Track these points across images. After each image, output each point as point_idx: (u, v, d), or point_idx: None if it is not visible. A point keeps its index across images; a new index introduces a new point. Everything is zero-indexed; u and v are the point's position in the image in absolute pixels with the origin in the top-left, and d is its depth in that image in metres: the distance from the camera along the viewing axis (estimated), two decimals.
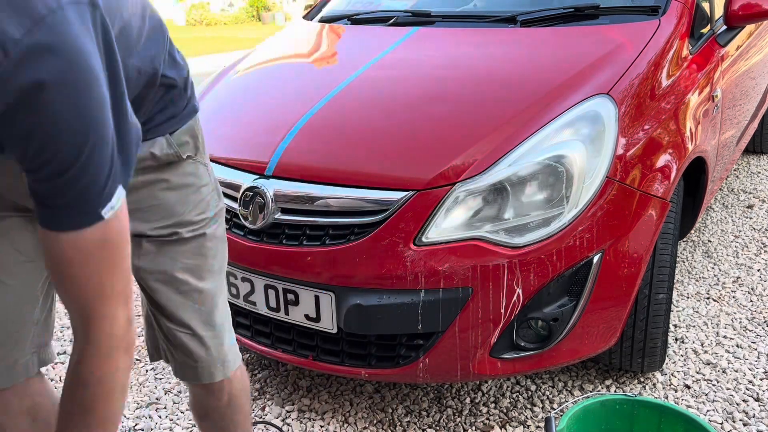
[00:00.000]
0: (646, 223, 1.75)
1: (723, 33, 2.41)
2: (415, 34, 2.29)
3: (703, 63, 2.20)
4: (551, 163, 1.63)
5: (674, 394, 2.01)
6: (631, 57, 1.90)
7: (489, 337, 1.65)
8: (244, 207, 1.79)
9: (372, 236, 1.63)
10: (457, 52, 2.12)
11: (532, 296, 1.63)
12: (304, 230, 1.72)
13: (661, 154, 1.82)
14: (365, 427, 1.92)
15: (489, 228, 1.61)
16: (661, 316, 1.90)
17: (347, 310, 1.66)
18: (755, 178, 3.83)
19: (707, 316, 2.42)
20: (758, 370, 2.10)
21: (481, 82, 1.92)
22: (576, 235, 1.63)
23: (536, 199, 1.64)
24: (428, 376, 1.71)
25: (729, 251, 2.93)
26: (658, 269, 1.86)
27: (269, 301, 1.80)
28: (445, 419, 1.95)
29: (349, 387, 2.11)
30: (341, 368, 1.77)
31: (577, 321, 1.69)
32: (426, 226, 1.60)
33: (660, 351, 1.97)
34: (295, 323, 1.79)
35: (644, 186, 1.74)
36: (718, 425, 1.87)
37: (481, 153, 1.65)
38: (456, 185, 1.62)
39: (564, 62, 1.92)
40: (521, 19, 2.20)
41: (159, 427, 1.97)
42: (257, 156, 1.84)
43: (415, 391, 2.07)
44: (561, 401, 2.00)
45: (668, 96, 1.94)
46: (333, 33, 2.57)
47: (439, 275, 1.59)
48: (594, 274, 1.67)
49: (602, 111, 1.73)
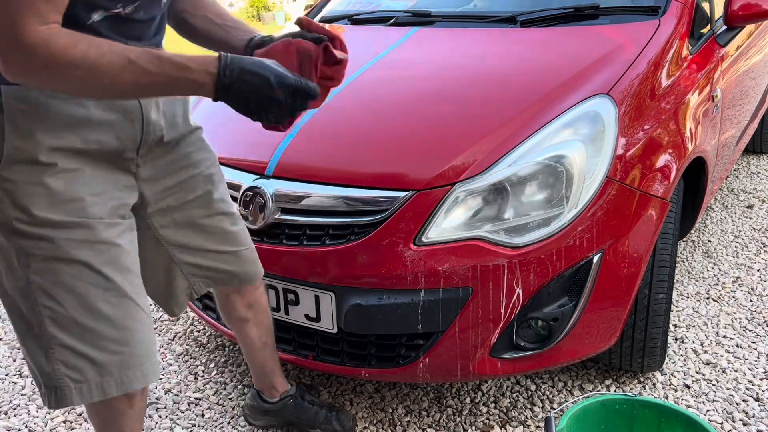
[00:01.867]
0: (646, 223, 1.75)
1: (723, 33, 2.42)
2: (415, 34, 2.29)
3: (703, 63, 2.21)
4: (551, 163, 1.63)
5: (674, 394, 2.01)
6: (631, 57, 1.90)
7: (489, 337, 1.65)
8: (244, 207, 1.79)
9: (372, 236, 1.63)
10: (457, 52, 2.12)
11: (532, 296, 1.64)
12: (304, 230, 1.72)
13: (661, 154, 1.82)
14: (365, 426, 1.92)
15: (489, 228, 1.61)
16: (661, 316, 1.90)
17: (347, 310, 1.66)
18: (755, 178, 3.83)
19: (707, 316, 2.42)
20: (758, 370, 2.10)
21: (481, 82, 1.92)
22: (576, 235, 1.63)
23: (536, 199, 1.64)
24: (428, 376, 1.71)
25: (729, 251, 2.93)
26: (657, 269, 1.86)
27: (269, 301, 1.80)
28: (445, 419, 1.95)
29: (349, 387, 2.11)
30: (341, 368, 1.77)
31: (577, 321, 1.69)
32: (426, 226, 1.61)
33: (660, 351, 1.97)
34: (295, 323, 1.79)
35: (644, 186, 1.74)
36: (718, 425, 1.87)
37: (481, 153, 1.65)
38: (456, 185, 1.62)
39: (564, 62, 1.92)
40: (521, 20, 2.20)
41: (159, 427, 1.97)
42: (257, 156, 1.84)
43: (415, 391, 2.07)
44: (561, 401, 2.00)
45: (668, 96, 1.94)
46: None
47: (439, 275, 1.59)
48: (594, 274, 1.67)
49: (602, 111, 1.73)
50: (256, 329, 1.71)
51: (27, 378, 2.25)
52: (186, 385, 2.17)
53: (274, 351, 1.79)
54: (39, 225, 1.15)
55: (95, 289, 1.19)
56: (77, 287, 1.18)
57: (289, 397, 1.83)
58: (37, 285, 1.16)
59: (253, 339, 1.72)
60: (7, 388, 2.20)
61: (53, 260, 1.16)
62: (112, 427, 1.37)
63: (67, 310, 1.18)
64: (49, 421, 2.02)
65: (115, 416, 1.35)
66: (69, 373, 1.21)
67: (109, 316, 1.21)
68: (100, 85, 1.05)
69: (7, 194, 1.13)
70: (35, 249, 1.15)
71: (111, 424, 1.37)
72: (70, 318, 1.18)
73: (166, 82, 1.08)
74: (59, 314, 1.18)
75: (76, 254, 1.17)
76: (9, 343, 2.48)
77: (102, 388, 1.23)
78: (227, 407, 2.04)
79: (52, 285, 1.17)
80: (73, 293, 1.18)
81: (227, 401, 2.07)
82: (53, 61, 1.01)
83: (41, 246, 1.15)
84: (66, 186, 1.16)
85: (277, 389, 1.83)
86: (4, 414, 2.06)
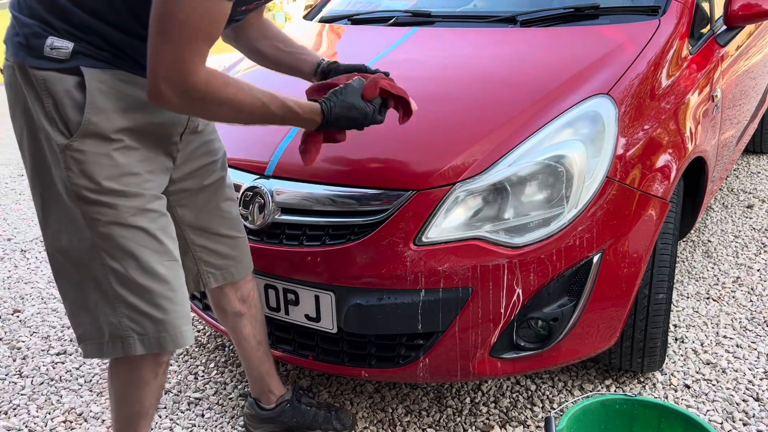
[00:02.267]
0: (646, 223, 1.75)
1: (723, 33, 2.42)
2: (415, 34, 2.29)
3: (702, 63, 2.21)
4: (551, 163, 1.63)
5: (674, 393, 2.01)
6: (631, 57, 1.90)
7: (489, 337, 1.65)
8: (244, 207, 1.79)
9: (372, 236, 1.63)
10: (457, 52, 2.12)
11: (532, 296, 1.64)
12: (304, 230, 1.72)
13: (660, 154, 1.82)
14: (365, 427, 1.92)
15: (489, 228, 1.61)
16: (661, 316, 1.90)
17: (347, 310, 1.66)
18: (755, 178, 3.83)
19: (707, 316, 2.42)
20: (758, 370, 2.10)
21: (481, 82, 1.92)
22: (576, 235, 1.63)
23: (536, 199, 1.64)
24: (428, 376, 1.71)
25: (729, 251, 2.93)
26: (657, 269, 1.86)
27: (269, 301, 1.80)
28: (445, 419, 1.95)
29: (349, 387, 2.11)
30: (341, 368, 1.77)
31: (577, 321, 1.69)
32: (426, 226, 1.61)
33: (660, 351, 1.97)
34: (295, 323, 1.79)
35: (644, 186, 1.74)
36: (718, 425, 1.87)
37: (481, 153, 1.65)
38: (456, 185, 1.62)
39: (564, 62, 1.91)
40: (521, 20, 2.20)
41: (159, 427, 1.97)
42: (257, 156, 1.84)
43: (415, 391, 2.07)
44: (561, 401, 2.00)
45: (668, 96, 1.94)
46: (333, 33, 2.57)
47: (439, 275, 1.59)
48: (594, 274, 1.67)
49: (602, 111, 1.73)
50: (250, 326, 1.73)
51: (27, 378, 2.25)
52: (186, 385, 2.17)
53: (269, 351, 1.81)
54: (104, 193, 1.27)
55: (151, 252, 1.33)
56: (136, 250, 1.31)
57: (285, 402, 1.84)
58: (100, 247, 1.29)
59: (247, 337, 1.74)
60: (7, 388, 2.20)
61: (115, 225, 1.29)
62: (132, 396, 1.47)
63: (128, 272, 1.31)
64: (49, 421, 2.02)
65: (139, 385, 1.45)
66: (133, 326, 1.34)
67: (164, 277, 1.35)
68: (235, 117, 1.30)
69: (77, 164, 1.25)
70: (99, 215, 1.28)
71: (132, 392, 1.46)
72: (131, 279, 1.31)
73: (281, 121, 1.38)
74: (122, 275, 1.31)
75: (134, 220, 1.30)
76: (9, 343, 2.48)
77: (159, 342, 1.36)
78: (227, 407, 2.05)
79: (114, 248, 1.30)
80: (132, 256, 1.31)
81: (227, 401, 2.07)
82: (209, 98, 1.22)
83: (105, 212, 1.28)
84: (128, 161, 1.30)
85: (274, 393, 1.83)
86: (4, 414, 2.07)
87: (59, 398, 2.14)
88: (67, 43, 1.21)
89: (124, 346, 1.35)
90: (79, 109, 1.23)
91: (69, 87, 1.23)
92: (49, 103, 1.23)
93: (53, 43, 1.20)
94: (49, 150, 1.26)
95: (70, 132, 1.24)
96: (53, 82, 1.22)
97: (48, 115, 1.24)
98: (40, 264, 3.21)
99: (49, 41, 1.20)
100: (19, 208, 4.14)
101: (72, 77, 1.23)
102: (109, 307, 1.33)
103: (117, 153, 1.28)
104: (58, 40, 1.21)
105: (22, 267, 3.19)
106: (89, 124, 1.24)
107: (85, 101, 1.23)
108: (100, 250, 1.30)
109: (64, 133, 1.24)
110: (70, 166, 1.25)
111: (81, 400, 2.12)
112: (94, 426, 1.99)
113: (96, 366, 2.30)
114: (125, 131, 1.29)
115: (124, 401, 1.49)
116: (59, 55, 1.21)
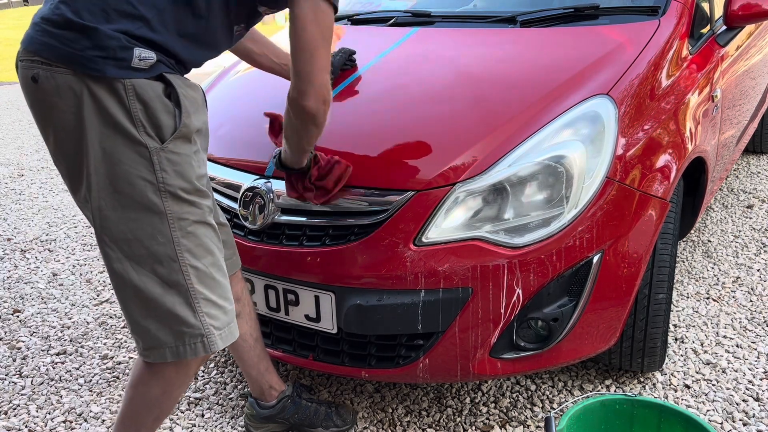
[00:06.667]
0: (646, 223, 1.75)
1: (723, 33, 2.41)
2: (415, 34, 2.29)
3: (702, 63, 2.21)
4: (551, 163, 1.64)
5: (674, 393, 2.01)
6: (631, 57, 1.90)
7: (489, 337, 1.65)
8: (244, 207, 1.79)
9: (372, 236, 1.63)
10: (457, 53, 2.12)
11: (532, 296, 1.64)
12: (304, 230, 1.72)
13: (660, 154, 1.82)
14: (365, 427, 1.92)
15: (489, 228, 1.61)
16: (661, 316, 1.90)
17: (347, 310, 1.66)
18: (755, 178, 3.83)
19: (707, 316, 2.42)
20: (758, 370, 2.10)
21: (481, 83, 1.92)
22: (576, 235, 1.63)
23: (536, 200, 1.64)
24: (428, 376, 1.71)
25: (729, 251, 2.93)
26: (657, 269, 1.86)
27: (269, 301, 1.80)
28: (445, 419, 1.95)
29: (349, 387, 2.12)
30: (341, 368, 1.77)
31: (577, 321, 1.69)
32: (426, 227, 1.61)
33: (660, 351, 1.97)
34: (295, 323, 1.79)
35: (644, 186, 1.74)
36: (718, 425, 1.87)
37: (481, 153, 1.65)
38: (456, 185, 1.62)
39: (564, 62, 1.91)
40: (521, 20, 2.20)
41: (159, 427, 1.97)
42: (257, 156, 1.84)
43: (415, 391, 2.07)
44: (561, 401, 2.00)
45: (668, 96, 1.94)
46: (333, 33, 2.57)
47: (439, 275, 1.59)
48: (594, 274, 1.67)
49: (602, 111, 1.73)
50: (246, 325, 1.74)
51: (27, 378, 2.25)
52: None
53: (264, 348, 1.82)
54: (193, 193, 1.35)
55: (218, 249, 1.42)
56: (210, 247, 1.39)
57: (287, 398, 1.84)
58: (184, 247, 1.35)
59: (244, 335, 1.74)
60: (7, 388, 2.20)
61: (198, 224, 1.36)
62: (171, 396, 1.49)
63: (207, 268, 1.38)
64: (49, 421, 2.02)
65: (183, 384, 1.48)
66: (213, 323, 1.40)
67: (226, 273, 1.46)
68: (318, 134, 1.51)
69: (171, 165, 1.31)
70: (188, 214, 1.34)
71: (172, 392, 1.48)
72: (209, 274, 1.38)
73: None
74: (201, 272, 1.37)
75: (209, 218, 1.39)
76: (9, 343, 2.48)
77: (231, 333, 1.44)
78: (227, 407, 2.05)
79: (196, 246, 1.36)
80: (209, 252, 1.39)
81: (227, 401, 2.08)
82: (327, 107, 1.40)
83: (193, 211, 1.35)
84: (200, 162, 1.39)
85: (275, 388, 1.84)
86: (4, 414, 2.07)
87: (59, 398, 2.14)
88: (152, 53, 1.27)
89: (205, 345, 1.39)
90: (169, 113, 1.30)
91: (159, 92, 1.29)
92: (138, 109, 1.26)
93: (141, 54, 1.25)
94: (134, 154, 1.28)
95: (162, 135, 1.29)
96: (144, 89, 1.26)
97: (135, 121, 1.27)
98: (40, 264, 3.22)
99: (136, 52, 1.25)
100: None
101: (159, 83, 1.29)
102: (190, 309, 1.36)
103: (195, 155, 1.37)
104: (145, 51, 1.26)
105: (22, 267, 3.19)
106: (183, 126, 1.31)
107: (172, 106, 1.30)
108: (183, 250, 1.34)
109: (153, 136, 1.28)
110: (165, 168, 1.30)
111: (81, 400, 2.12)
112: (94, 426, 2.00)
113: (96, 366, 2.30)
114: (198, 132, 1.37)
115: (158, 403, 1.49)
116: (146, 65, 1.26)
